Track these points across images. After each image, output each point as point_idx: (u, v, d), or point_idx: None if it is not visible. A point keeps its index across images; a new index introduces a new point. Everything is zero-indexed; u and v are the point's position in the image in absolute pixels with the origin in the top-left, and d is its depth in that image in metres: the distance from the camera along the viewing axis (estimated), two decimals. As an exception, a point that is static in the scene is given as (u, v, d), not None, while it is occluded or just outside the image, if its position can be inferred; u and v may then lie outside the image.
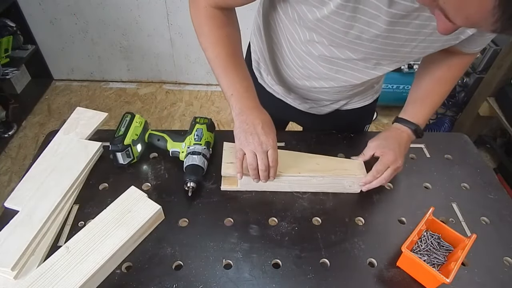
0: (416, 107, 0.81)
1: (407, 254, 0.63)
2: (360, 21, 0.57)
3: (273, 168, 0.71)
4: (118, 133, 0.78)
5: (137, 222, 0.67)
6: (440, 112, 2.38)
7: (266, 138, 0.68)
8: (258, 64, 0.94)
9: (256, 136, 0.68)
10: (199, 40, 0.73)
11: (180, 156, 0.81)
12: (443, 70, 0.80)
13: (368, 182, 0.76)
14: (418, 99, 0.82)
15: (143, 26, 2.31)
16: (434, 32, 0.59)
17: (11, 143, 2.09)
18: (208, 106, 2.44)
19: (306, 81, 0.81)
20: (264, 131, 0.68)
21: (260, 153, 0.69)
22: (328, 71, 0.75)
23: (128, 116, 0.83)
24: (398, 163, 0.75)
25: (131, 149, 0.79)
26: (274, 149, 0.70)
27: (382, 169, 0.75)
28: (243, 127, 0.69)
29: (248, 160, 0.70)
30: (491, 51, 2.09)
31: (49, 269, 0.59)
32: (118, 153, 0.78)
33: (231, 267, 0.65)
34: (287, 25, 0.72)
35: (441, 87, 0.81)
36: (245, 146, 0.69)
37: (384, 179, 0.75)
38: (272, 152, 0.69)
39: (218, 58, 0.70)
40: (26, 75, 2.46)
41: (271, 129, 0.71)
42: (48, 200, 0.70)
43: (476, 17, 0.36)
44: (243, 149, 0.70)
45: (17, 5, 2.17)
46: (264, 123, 0.69)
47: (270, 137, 0.69)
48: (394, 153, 0.75)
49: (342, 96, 0.87)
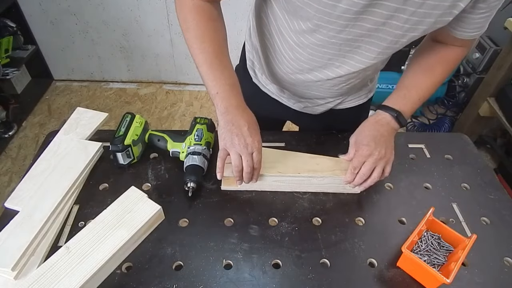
0: (400, 95, 0.79)
1: (408, 254, 0.63)
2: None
3: (257, 170, 0.71)
4: (118, 133, 0.78)
5: (137, 222, 0.67)
6: (440, 112, 2.38)
7: (252, 140, 0.68)
8: (252, 63, 0.94)
9: (242, 138, 0.67)
10: (184, 37, 0.71)
11: (180, 157, 0.81)
12: (432, 62, 0.78)
13: (350, 180, 0.75)
14: (404, 88, 0.80)
15: (143, 26, 2.31)
16: (424, 3, 0.57)
17: (11, 143, 2.09)
18: (208, 106, 2.44)
19: (299, 75, 0.80)
20: (249, 132, 0.68)
21: (246, 155, 0.68)
22: (320, 58, 0.72)
23: (128, 116, 0.83)
24: (376, 155, 0.73)
25: (131, 149, 0.79)
26: (258, 152, 0.69)
27: (358, 165, 0.74)
28: (228, 127, 0.68)
29: (233, 161, 0.69)
30: (491, 52, 2.09)
31: (49, 270, 0.59)
32: (118, 153, 0.78)
33: (231, 267, 0.65)
34: (278, 16, 0.72)
35: (427, 79, 0.78)
36: (230, 147, 0.68)
37: (364, 174, 0.73)
38: (257, 154, 0.69)
39: (203, 54, 0.69)
40: (26, 75, 2.46)
41: (257, 131, 0.70)
42: (48, 200, 0.70)
43: None
44: (228, 150, 0.69)
45: (17, 5, 2.17)
46: (249, 124, 0.69)
47: (256, 139, 0.69)
48: (368, 147, 0.73)
49: (336, 91, 0.85)
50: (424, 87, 0.79)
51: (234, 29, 2.28)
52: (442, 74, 0.79)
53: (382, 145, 0.74)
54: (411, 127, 2.33)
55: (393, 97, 0.80)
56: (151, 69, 2.54)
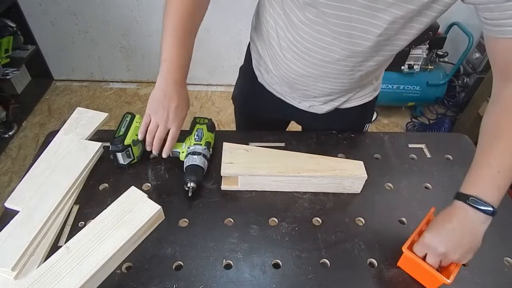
0: (477, 172, 0.61)
1: (408, 254, 0.62)
2: None
3: (169, 145, 0.78)
4: (118, 133, 0.79)
5: (137, 222, 0.67)
6: (441, 112, 2.38)
7: (174, 117, 0.75)
8: (258, 63, 0.94)
9: (166, 112, 0.74)
10: (163, 15, 0.73)
11: (180, 157, 0.81)
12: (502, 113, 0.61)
13: None
14: (479, 161, 0.62)
15: (143, 26, 2.31)
16: None
17: (11, 143, 2.09)
18: (208, 106, 2.44)
19: (304, 60, 0.76)
20: (175, 110, 0.74)
21: (162, 126, 0.75)
22: (326, 36, 0.68)
23: (128, 116, 0.83)
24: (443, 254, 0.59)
25: (131, 149, 0.79)
26: (176, 130, 0.76)
27: None
28: (159, 96, 0.74)
29: (150, 126, 0.76)
30: (492, 51, 2.08)
31: (49, 270, 0.59)
32: (118, 153, 0.78)
33: (231, 267, 0.65)
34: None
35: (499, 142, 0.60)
36: (153, 114, 0.75)
37: None
38: (174, 131, 0.76)
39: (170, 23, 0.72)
40: (26, 75, 2.46)
41: (183, 113, 0.77)
42: (48, 200, 0.70)
43: None
44: (151, 116, 0.76)
45: (17, 5, 2.17)
46: (179, 103, 0.75)
47: (177, 119, 0.76)
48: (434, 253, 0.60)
49: (343, 83, 0.81)
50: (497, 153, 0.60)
51: (234, 29, 2.28)
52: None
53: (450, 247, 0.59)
54: (411, 127, 2.33)
55: (467, 178, 0.62)
56: (151, 69, 2.54)
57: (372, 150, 0.91)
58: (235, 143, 0.82)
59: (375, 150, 0.91)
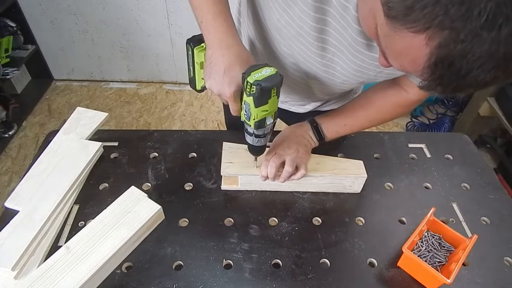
0: (334, 114, 0.82)
1: (408, 254, 0.63)
2: None
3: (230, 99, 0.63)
4: (190, 75, 0.73)
5: (137, 222, 0.67)
6: (441, 112, 2.38)
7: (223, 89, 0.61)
8: None
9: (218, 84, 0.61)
10: None
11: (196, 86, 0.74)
12: (377, 97, 0.79)
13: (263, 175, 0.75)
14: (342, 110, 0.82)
15: (143, 26, 2.31)
16: None
17: (11, 143, 2.09)
18: (208, 106, 2.44)
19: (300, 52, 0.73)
20: (223, 80, 0.60)
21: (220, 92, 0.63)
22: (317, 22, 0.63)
23: (189, 50, 0.70)
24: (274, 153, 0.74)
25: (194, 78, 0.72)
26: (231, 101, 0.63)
27: None
28: (208, 63, 0.63)
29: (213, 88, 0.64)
30: (492, 51, 2.08)
31: (49, 269, 0.60)
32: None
33: (231, 267, 0.65)
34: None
35: (364, 111, 0.80)
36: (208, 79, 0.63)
37: None
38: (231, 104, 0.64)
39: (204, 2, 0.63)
40: (26, 75, 2.46)
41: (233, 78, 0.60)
42: (48, 200, 0.70)
43: (409, 70, 0.42)
44: None
45: (17, 5, 2.17)
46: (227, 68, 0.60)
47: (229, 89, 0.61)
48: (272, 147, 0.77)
49: (319, 97, 0.87)
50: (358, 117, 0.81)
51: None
52: (380, 114, 0.80)
53: (282, 147, 0.76)
54: (411, 127, 2.32)
55: (326, 114, 0.82)
56: (151, 69, 2.54)
57: (372, 150, 0.91)
58: (235, 143, 0.82)
59: (375, 150, 0.91)
